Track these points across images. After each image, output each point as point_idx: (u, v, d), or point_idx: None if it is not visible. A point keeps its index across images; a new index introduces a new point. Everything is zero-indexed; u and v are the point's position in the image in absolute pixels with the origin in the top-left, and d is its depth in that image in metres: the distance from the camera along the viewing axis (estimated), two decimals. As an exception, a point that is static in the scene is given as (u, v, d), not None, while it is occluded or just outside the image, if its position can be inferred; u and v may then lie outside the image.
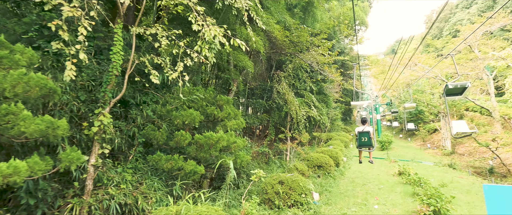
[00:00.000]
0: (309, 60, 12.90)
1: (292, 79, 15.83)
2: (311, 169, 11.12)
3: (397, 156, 19.35)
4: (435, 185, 8.12)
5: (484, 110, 23.86)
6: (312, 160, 11.48)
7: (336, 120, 28.99)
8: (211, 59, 4.30)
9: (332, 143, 19.43)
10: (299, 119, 14.79)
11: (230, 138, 5.93)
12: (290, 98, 14.18)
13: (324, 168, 11.40)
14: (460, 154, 20.91)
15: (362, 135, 7.76)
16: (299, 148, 12.38)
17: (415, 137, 33.17)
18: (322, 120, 18.19)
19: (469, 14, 52.73)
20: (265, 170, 12.24)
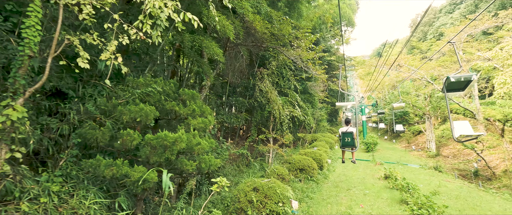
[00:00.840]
0: (293, 57, 12.14)
1: (275, 77, 15.04)
2: (292, 172, 10.32)
3: (382, 158, 18.91)
4: (426, 192, 7.47)
5: (467, 112, 23.91)
6: (294, 162, 10.68)
7: (322, 120, 28.42)
8: (156, 38, 3.38)
9: (317, 144, 18.77)
10: (283, 119, 14.05)
11: (192, 139, 5.00)
12: (273, 97, 13.39)
13: (306, 171, 10.62)
14: (444, 156, 20.72)
15: (346, 135, 7.96)
16: (281, 150, 11.56)
17: (400, 139, 33.14)
18: (307, 120, 17.48)
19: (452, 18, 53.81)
20: (245, 173, 11.39)
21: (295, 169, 10.48)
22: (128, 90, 4.88)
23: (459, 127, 4.79)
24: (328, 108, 33.53)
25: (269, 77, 14.27)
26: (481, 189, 10.99)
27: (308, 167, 10.69)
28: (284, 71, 15.28)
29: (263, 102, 13.83)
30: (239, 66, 12.44)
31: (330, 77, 31.11)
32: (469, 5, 48.55)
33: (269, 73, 14.27)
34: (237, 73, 12.84)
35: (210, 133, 9.25)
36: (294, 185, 9.20)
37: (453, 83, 4.82)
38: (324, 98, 28.57)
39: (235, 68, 12.68)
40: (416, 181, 11.73)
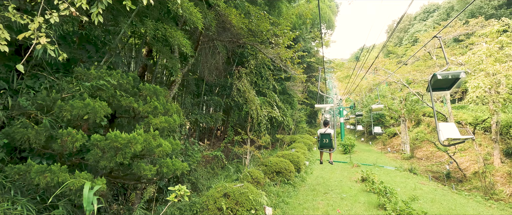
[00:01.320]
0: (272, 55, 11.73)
1: (254, 77, 14.60)
2: (268, 175, 9.87)
3: (359, 160, 18.99)
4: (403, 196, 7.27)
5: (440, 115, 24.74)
6: (270, 165, 10.24)
7: (301, 122, 28.35)
8: (95, 17, 2.77)
9: (295, 145, 18.50)
10: (260, 119, 13.63)
11: (151, 140, 4.38)
12: (250, 96, 12.93)
13: (283, 174, 10.21)
14: (418, 158, 21.20)
15: (324, 137, 8.04)
16: (257, 152, 11.09)
17: (376, 141, 33.82)
18: (285, 121, 17.18)
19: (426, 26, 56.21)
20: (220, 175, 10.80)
21: (272, 172, 10.04)
22: (75, 83, 4.17)
23: (446, 130, 4.50)
24: (308, 110, 33.59)
25: (247, 76, 13.82)
26: (455, 192, 11.13)
27: (285, 170, 10.29)
28: (262, 71, 14.86)
29: (240, 102, 13.35)
30: (215, 64, 11.84)
31: (310, 78, 31.17)
32: (441, 13, 50.86)
33: (247, 72, 13.82)
34: (214, 71, 12.25)
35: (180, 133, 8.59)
36: (270, 189, 8.75)
37: (439, 81, 4.50)
38: (303, 100, 28.53)
39: (211, 66, 12.08)
40: (393, 183, 11.69)
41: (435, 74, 4.41)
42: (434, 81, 4.52)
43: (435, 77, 4.39)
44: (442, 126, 4.55)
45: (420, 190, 10.38)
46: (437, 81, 4.49)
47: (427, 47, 23.35)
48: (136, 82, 5.03)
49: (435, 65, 22.95)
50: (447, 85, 4.68)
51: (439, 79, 4.38)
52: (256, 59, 14.10)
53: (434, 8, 63.34)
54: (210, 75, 12.72)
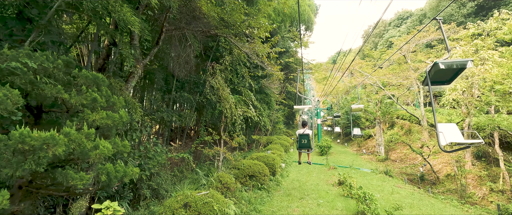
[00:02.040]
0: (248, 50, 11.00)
1: (229, 74, 13.77)
2: (241, 179, 9.08)
3: (336, 162, 18.73)
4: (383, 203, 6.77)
5: (413, 118, 25.25)
6: (243, 168, 9.45)
7: (279, 122, 27.88)
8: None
9: (272, 147, 17.87)
10: (235, 119, 12.84)
11: (83, 141, 3.44)
12: (225, 94, 12.10)
13: (257, 178, 9.46)
14: (392, 160, 21.36)
15: (302, 137, 8.01)
16: (229, 154, 10.25)
17: (352, 142, 34.12)
18: (262, 121, 16.49)
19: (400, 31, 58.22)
20: (187, 180, 9.85)
21: (244, 175, 9.25)
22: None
23: (448, 132, 3.90)
24: (285, 110, 33.23)
25: (222, 73, 12.99)
26: (431, 196, 10.96)
27: (259, 174, 9.55)
28: (238, 68, 14.04)
29: (214, 100, 12.47)
30: (186, 57, 10.85)
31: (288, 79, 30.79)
32: (414, 20, 52.82)
33: (222, 68, 12.98)
34: (184, 65, 11.24)
35: (141, 132, 7.56)
36: (241, 195, 7.96)
37: (440, 72, 3.82)
38: (281, 100, 28.05)
39: (182, 60, 11.08)
40: (370, 187, 11.34)
41: (436, 63, 3.70)
42: (435, 72, 3.85)
43: (437, 67, 3.68)
44: (443, 127, 3.94)
45: (398, 194, 10.06)
46: (438, 72, 3.83)
47: (402, 51, 23.71)
48: (70, 68, 4.04)
49: (410, 68, 23.38)
50: (448, 78, 4.05)
51: (441, 70, 3.71)
52: (232, 55, 13.28)
53: (408, 15, 65.85)
54: (180, 71, 11.72)
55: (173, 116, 10.14)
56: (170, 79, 12.48)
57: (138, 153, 7.04)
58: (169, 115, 10.01)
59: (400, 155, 22.06)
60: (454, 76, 3.85)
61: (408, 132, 24.85)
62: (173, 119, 10.30)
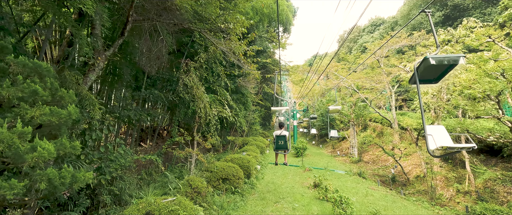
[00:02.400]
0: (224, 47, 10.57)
1: (204, 72, 13.20)
2: (213, 183, 8.58)
3: (311, 163, 18.74)
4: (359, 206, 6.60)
5: (385, 121, 26.06)
6: (216, 171, 8.96)
7: (255, 124, 27.56)
8: None
9: (248, 148, 17.48)
10: (209, 119, 12.34)
11: (16, 141, 2.84)
12: (199, 93, 11.56)
13: (230, 181, 9.01)
14: (365, 162, 21.81)
15: (279, 138, 7.96)
16: (201, 156, 9.70)
17: (326, 144, 34.64)
18: (237, 122, 16.04)
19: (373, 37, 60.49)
20: (155, 183, 9.21)
21: (217, 179, 8.77)
22: None
23: (437, 135, 3.70)
24: (262, 111, 33.02)
25: (197, 71, 12.44)
26: (403, 197, 11.15)
27: (233, 177, 9.11)
28: (214, 66, 13.50)
29: (187, 98, 11.87)
30: (157, 52, 10.16)
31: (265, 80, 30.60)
32: (386, 27, 55.01)
33: (196, 66, 12.42)
34: (155, 60, 10.54)
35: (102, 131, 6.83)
36: (213, 200, 7.48)
37: (429, 69, 3.58)
38: (258, 101, 27.78)
39: (153, 55, 10.37)
40: (344, 189, 11.30)
41: (426, 59, 3.42)
42: (424, 69, 3.61)
43: (427, 63, 3.40)
44: (432, 130, 3.74)
45: (372, 197, 10.08)
46: (427, 69, 3.59)
47: (376, 55, 24.38)
48: (5, 53, 3.37)
49: (383, 72, 24.11)
50: (435, 76, 3.85)
51: (431, 66, 3.47)
52: (207, 53, 12.73)
53: (380, 22, 68.55)
54: (152, 67, 11.00)
55: (142, 115, 9.41)
56: (140, 75, 11.71)
57: (97, 154, 6.33)
58: (137, 113, 9.27)
59: (372, 157, 22.60)
60: (443, 75, 3.67)
61: (380, 134, 25.58)
62: (141, 118, 9.56)
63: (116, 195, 6.85)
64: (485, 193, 11.22)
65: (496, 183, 11.44)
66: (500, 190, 11.09)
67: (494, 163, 13.41)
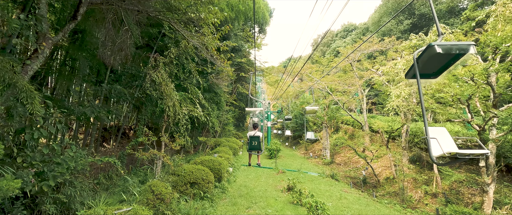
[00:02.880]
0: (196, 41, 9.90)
1: (174, 68, 12.39)
2: (180, 188, 7.86)
3: (284, 165, 18.48)
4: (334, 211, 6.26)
5: (356, 123, 26.62)
6: (183, 175, 8.25)
7: (228, 124, 26.82)
8: None
9: (220, 149, 16.81)
10: (179, 118, 11.56)
11: None
12: (168, 90, 10.75)
13: (199, 185, 8.34)
14: (337, 164, 22.02)
15: (253, 139, 7.97)
16: (167, 158, 8.89)
17: (299, 146, 34.80)
18: (209, 122, 15.31)
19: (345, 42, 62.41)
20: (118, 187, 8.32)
21: (185, 183, 8.06)
22: None
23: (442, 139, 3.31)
24: (236, 112, 32.41)
25: (166, 67, 11.60)
26: (375, 200, 11.15)
27: (202, 180, 8.44)
28: (186, 62, 12.71)
29: (154, 96, 11.02)
30: (121, 43, 9.22)
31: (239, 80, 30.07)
32: (358, 33, 57.02)
33: (166, 61, 11.59)
34: (118, 52, 9.60)
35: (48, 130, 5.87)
36: (179, 207, 6.78)
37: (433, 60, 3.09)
38: (232, 101, 27.15)
39: (116, 47, 9.41)
40: (318, 192, 11.06)
41: (431, 46, 2.78)
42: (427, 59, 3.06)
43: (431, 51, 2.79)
44: (435, 132, 3.36)
45: (346, 200, 9.91)
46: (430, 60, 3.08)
47: (349, 59, 24.83)
48: None
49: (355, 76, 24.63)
50: (436, 69, 3.38)
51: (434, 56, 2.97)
52: (178, 48, 11.94)
53: (352, 28, 71.00)
54: (115, 60, 10.02)
55: (100, 112, 8.43)
56: (103, 69, 10.65)
57: (39, 157, 5.39)
58: (95, 110, 8.28)
59: (344, 159, 22.89)
60: (444, 68, 3.27)
61: (351, 137, 26.06)
62: (100, 115, 8.57)
63: (63, 203, 5.91)
64: (451, 194, 11.58)
65: (461, 185, 11.86)
66: (465, 191, 11.51)
67: (458, 165, 13.97)
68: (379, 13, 43.91)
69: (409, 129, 15.30)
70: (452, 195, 11.59)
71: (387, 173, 16.99)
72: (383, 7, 42.45)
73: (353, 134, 26.69)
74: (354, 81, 24.18)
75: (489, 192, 8.76)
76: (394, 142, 19.10)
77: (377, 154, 14.93)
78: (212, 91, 16.69)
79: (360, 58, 25.86)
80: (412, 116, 13.54)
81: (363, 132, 22.68)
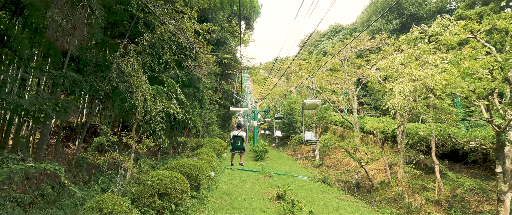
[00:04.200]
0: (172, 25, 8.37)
1: (148, 57, 10.76)
2: (145, 200, 6.27)
3: (272, 168, 17.08)
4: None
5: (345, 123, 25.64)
6: (150, 183, 6.65)
7: (212, 124, 25.11)
8: None
9: (202, 151, 15.20)
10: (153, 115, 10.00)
11: None
12: (138, 82, 9.14)
13: (170, 196, 6.77)
14: (327, 166, 20.87)
15: (236, 139, 7.82)
16: (128, 163, 7.21)
17: (287, 147, 33.57)
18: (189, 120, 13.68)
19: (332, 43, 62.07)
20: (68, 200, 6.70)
21: (152, 194, 6.47)
22: None
23: None
24: (221, 111, 30.75)
25: (138, 56, 9.98)
26: (376, 209, 9.94)
27: (175, 190, 6.88)
28: (161, 52, 11.05)
29: (121, 88, 9.37)
30: (76, 22, 7.50)
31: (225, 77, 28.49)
32: (346, 33, 56.65)
33: (139, 50, 9.96)
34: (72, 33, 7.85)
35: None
36: (139, 229, 5.20)
37: None
38: (216, 99, 25.47)
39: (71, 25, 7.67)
40: (311, 200, 9.72)
41: None
42: None
43: None
44: None
45: (344, 210, 8.62)
46: None
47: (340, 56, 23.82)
48: None
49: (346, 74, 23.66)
50: None
51: None
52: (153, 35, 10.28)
53: (340, 28, 70.89)
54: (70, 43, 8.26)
55: (44, 104, 6.69)
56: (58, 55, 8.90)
57: None
58: (37, 102, 6.52)
59: (334, 161, 21.78)
60: None
61: (341, 138, 25.04)
62: (44, 109, 6.81)
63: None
64: (455, 202, 10.55)
65: (466, 191, 10.86)
66: (470, 199, 10.50)
67: (458, 169, 13.03)
68: (368, 12, 43.48)
69: (405, 130, 14.27)
70: (456, 202, 10.55)
71: (381, 177, 15.93)
72: (372, 7, 42.03)
73: (343, 135, 25.69)
74: (345, 78, 23.17)
75: (505, 201, 7.72)
76: (387, 143, 18.11)
77: (372, 156, 13.83)
78: (193, 86, 15.05)
79: (350, 56, 24.94)
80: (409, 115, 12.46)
81: (354, 132, 21.66)
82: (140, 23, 11.38)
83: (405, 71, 9.92)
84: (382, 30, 35.58)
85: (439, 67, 10.27)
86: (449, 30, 10.58)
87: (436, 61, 10.24)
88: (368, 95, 34.55)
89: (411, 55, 10.59)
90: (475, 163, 12.32)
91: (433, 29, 10.92)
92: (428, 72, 9.44)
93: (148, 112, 9.88)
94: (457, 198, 10.76)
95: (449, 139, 10.11)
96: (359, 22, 49.02)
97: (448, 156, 13.36)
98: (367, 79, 20.35)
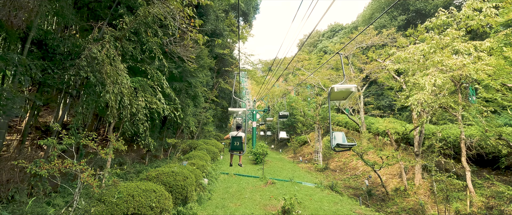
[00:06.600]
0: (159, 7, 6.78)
1: (130, 44, 9.07)
2: (106, 227, 4.54)
3: (273, 173, 15.37)
4: None
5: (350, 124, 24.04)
6: (116, 201, 4.93)
7: (208, 124, 23.32)
8: None
9: (195, 154, 13.48)
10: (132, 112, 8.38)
11: None
12: (112, 71, 7.48)
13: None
14: (332, 170, 19.21)
15: (235, 139, 7.75)
16: (85, 174, 5.45)
17: (287, 149, 31.90)
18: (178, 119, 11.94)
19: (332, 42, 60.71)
20: None
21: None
22: None
23: None
24: (218, 110, 29.00)
25: (117, 42, 8.34)
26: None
27: (150, 210, 5.16)
28: (144, 37, 9.27)
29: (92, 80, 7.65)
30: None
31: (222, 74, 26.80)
32: (346, 32, 55.27)
33: (118, 35, 8.31)
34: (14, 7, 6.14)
35: None
36: None
37: None
38: (213, 98, 23.73)
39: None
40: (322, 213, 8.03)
41: None
42: None
43: None
44: None
45: (367, 230, 6.97)
46: None
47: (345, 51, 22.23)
48: None
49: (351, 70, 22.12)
50: None
51: None
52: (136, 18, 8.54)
53: (339, 28, 69.57)
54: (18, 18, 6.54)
55: None
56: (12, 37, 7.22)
57: None
58: None
59: (339, 164, 20.13)
60: None
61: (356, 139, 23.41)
62: None
63: None
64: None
65: (502, 201, 9.25)
66: (509, 211, 8.88)
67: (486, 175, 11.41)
68: (370, 9, 42.06)
69: (423, 131, 12.64)
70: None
71: (394, 183, 14.30)
72: (375, 3, 40.56)
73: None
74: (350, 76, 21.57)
75: None
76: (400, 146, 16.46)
77: (387, 160, 12.21)
78: (185, 80, 13.30)
79: (356, 52, 23.36)
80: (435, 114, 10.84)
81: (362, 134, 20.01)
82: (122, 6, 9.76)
83: (435, 59, 8.28)
84: (386, 27, 34.10)
85: (472, 57, 8.70)
86: (483, 13, 8.99)
87: (469, 50, 8.63)
88: (371, 95, 33.07)
89: (438, 44, 8.95)
90: (509, 169, 10.71)
91: (465, 12, 9.31)
92: (464, 61, 7.80)
93: (126, 108, 8.19)
94: (495, 211, 9.12)
95: (496, 141, 8.50)
96: (360, 20, 47.58)
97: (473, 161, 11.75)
98: (377, 76, 18.73)
